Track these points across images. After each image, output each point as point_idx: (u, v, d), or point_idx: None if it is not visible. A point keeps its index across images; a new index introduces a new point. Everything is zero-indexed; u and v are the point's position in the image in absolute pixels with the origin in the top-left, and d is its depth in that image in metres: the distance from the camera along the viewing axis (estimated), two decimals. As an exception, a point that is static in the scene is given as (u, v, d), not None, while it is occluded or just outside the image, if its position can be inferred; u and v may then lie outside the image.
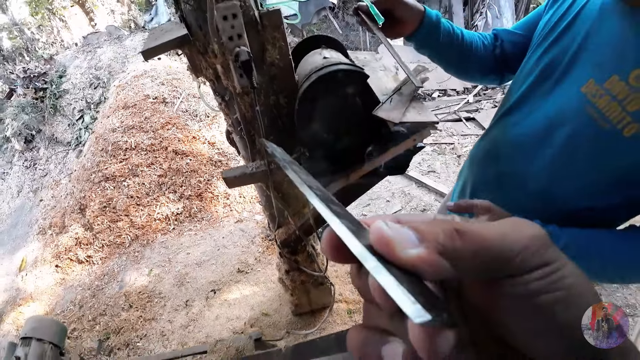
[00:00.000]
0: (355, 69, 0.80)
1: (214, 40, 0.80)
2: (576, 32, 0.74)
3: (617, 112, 0.64)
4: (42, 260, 3.27)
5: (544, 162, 0.76)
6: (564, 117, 0.72)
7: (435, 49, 0.94)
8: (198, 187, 3.33)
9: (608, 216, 0.77)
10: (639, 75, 0.62)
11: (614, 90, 0.65)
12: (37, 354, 1.98)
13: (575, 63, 0.73)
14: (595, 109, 0.67)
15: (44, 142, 5.32)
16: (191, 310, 2.42)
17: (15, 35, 7.66)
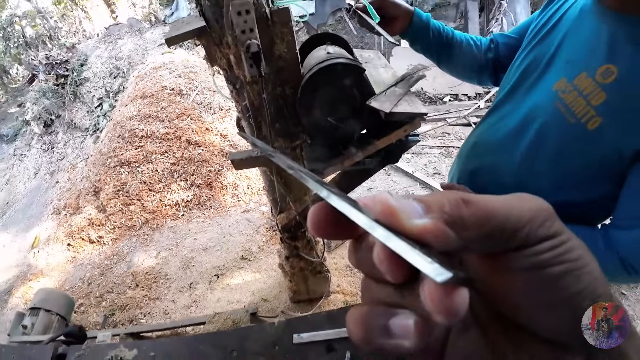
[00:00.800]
0: (353, 63, 0.89)
1: (228, 32, 0.90)
2: (557, 33, 0.81)
3: (582, 107, 0.70)
4: (55, 239, 3.41)
5: (519, 155, 0.83)
6: (536, 113, 0.79)
7: (425, 45, 1.04)
8: (208, 177, 3.45)
9: (586, 211, 0.81)
10: (604, 71, 0.68)
11: (581, 86, 0.70)
12: (44, 324, 2.03)
13: (552, 62, 0.80)
14: (563, 104, 0.73)
15: (62, 127, 5.51)
16: (194, 292, 2.53)
17: (37, 24, 7.89)
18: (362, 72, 0.90)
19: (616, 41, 0.68)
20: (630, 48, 0.65)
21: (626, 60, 0.66)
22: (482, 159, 0.94)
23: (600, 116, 0.68)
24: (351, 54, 1.18)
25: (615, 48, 0.68)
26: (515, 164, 0.84)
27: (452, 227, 0.19)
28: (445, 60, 1.08)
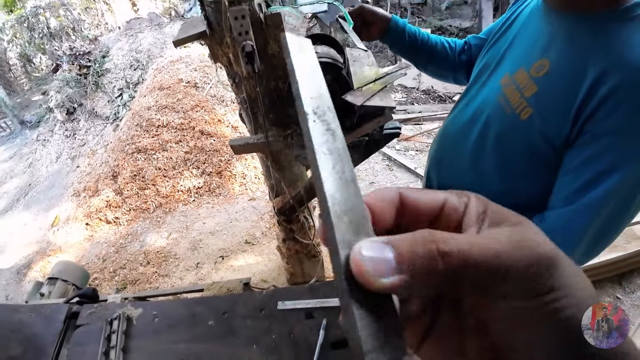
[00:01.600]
0: (333, 62, 1.02)
1: (227, 34, 1.05)
2: (510, 33, 0.90)
3: (517, 99, 0.77)
4: (74, 218, 3.65)
5: (470, 145, 0.93)
6: (484, 106, 0.88)
7: (402, 48, 1.18)
8: (219, 166, 3.64)
9: (531, 202, 0.87)
10: (538, 65, 0.74)
11: (518, 80, 0.78)
12: (60, 292, 2.12)
13: (503, 59, 0.89)
14: (504, 97, 0.82)
15: (84, 114, 5.78)
16: (200, 271, 2.71)
17: (59, 15, 8.17)
18: (341, 70, 1.03)
19: (554, 38, 0.74)
20: (564, 44, 0.71)
21: (558, 54, 0.71)
22: (443, 148, 1.06)
23: (531, 107, 0.74)
24: (342, 52, 1.32)
25: (551, 44, 0.73)
26: (467, 153, 0.93)
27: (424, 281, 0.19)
28: (421, 62, 1.21)
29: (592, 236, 0.72)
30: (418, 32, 1.16)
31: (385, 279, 0.18)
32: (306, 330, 1.18)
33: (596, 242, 0.74)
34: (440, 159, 1.08)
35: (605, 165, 0.65)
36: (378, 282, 0.18)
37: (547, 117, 0.72)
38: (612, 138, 0.64)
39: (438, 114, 4.64)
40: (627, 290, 2.32)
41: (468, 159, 0.95)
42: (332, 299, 1.26)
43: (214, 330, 1.22)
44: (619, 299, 2.27)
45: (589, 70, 0.65)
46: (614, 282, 2.35)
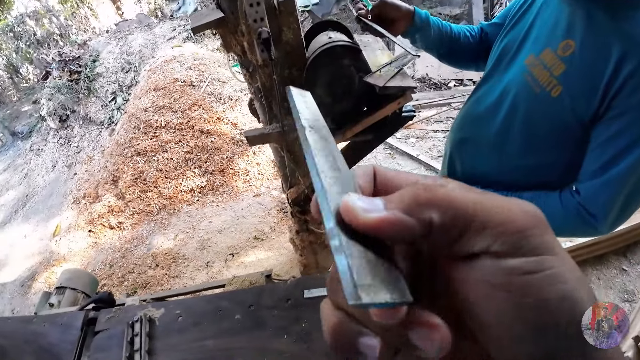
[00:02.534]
0: (352, 44, 1.01)
1: (242, 22, 1.03)
2: (529, 15, 0.92)
3: (546, 78, 0.80)
4: (76, 226, 3.61)
5: (496, 125, 0.94)
6: (510, 87, 0.90)
7: (427, 42, 1.14)
8: (221, 164, 3.61)
9: (554, 174, 0.91)
10: (564, 45, 0.78)
11: (545, 60, 0.81)
12: (70, 301, 2.06)
13: (525, 41, 0.91)
14: (531, 76, 0.84)
15: (78, 121, 5.71)
16: (211, 270, 2.70)
17: (44, 24, 8.04)
18: (360, 52, 1.03)
19: (574, 19, 0.77)
20: (585, 24, 0.75)
21: (582, 35, 0.75)
22: (467, 130, 1.06)
23: (561, 84, 0.77)
24: (351, 39, 1.31)
25: (573, 25, 0.77)
26: (492, 134, 0.96)
27: (411, 212, 0.18)
28: (446, 54, 1.20)
29: (619, 206, 0.76)
30: (441, 24, 1.14)
31: (372, 214, 0.18)
32: (336, 316, 1.18)
33: (622, 211, 0.77)
34: (464, 142, 1.09)
35: (629, 140, 0.70)
36: (365, 216, 0.18)
37: (576, 93, 0.76)
38: (635, 114, 0.68)
39: (435, 100, 4.65)
40: (632, 262, 2.35)
41: (493, 139, 0.96)
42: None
43: (242, 324, 1.21)
44: (624, 271, 2.30)
45: (612, 50, 0.69)
46: (619, 255, 2.38)
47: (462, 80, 5.36)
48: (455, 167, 1.15)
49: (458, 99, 4.74)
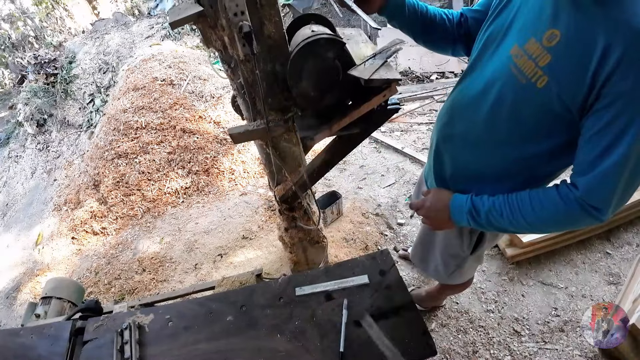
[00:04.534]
0: (335, 37, 1.00)
1: (222, 16, 1.00)
2: (514, 4, 0.91)
3: (531, 68, 0.80)
4: (59, 234, 3.50)
5: (483, 115, 0.94)
6: (496, 77, 0.90)
7: (402, 21, 1.14)
8: (205, 163, 3.55)
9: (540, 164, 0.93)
10: (549, 35, 0.77)
11: (530, 50, 0.80)
12: (57, 310, 2.00)
13: (509, 30, 0.90)
14: (516, 67, 0.84)
15: (55, 125, 5.53)
16: (200, 272, 2.66)
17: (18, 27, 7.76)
18: (343, 45, 1.01)
19: (559, 7, 0.76)
20: (571, 12, 0.74)
21: (567, 24, 0.74)
22: (454, 122, 1.06)
23: (547, 75, 0.77)
24: (334, 32, 1.29)
25: (558, 13, 0.76)
26: (479, 124, 0.96)
27: None
28: (421, 35, 1.19)
29: (619, 194, 0.77)
30: (417, 4, 1.14)
31: None
32: (328, 312, 1.18)
33: (623, 196, 0.78)
34: (451, 133, 1.09)
35: (622, 126, 0.70)
36: None
37: (563, 84, 0.76)
38: (626, 100, 0.68)
39: (418, 94, 4.68)
40: (615, 245, 2.43)
41: (480, 129, 0.97)
42: (350, 278, 1.25)
43: (234, 325, 1.19)
44: (609, 254, 2.36)
45: (598, 38, 0.68)
46: (603, 239, 2.45)
47: (443, 72, 5.41)
48: (442, 159, 1.15)
49: (440, 92, 4.78)
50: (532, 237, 2.24)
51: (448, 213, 0.99)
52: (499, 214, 0.90)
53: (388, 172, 3.34)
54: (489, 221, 0.92)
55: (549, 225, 0.88)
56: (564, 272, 2.28)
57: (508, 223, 0.90)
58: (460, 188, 1.05)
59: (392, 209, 2.90)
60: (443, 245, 1.42)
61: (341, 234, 2.67)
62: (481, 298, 2.19)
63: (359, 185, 3.22)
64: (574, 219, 0.83)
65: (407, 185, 3.13)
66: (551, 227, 0.90)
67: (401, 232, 2.68)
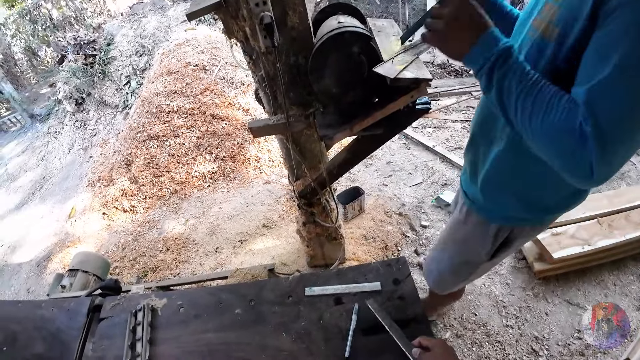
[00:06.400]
0: (361, 31, 0.94)
1: (243, 6, 0.96)
2: None
3: (548, 28, 0.76)
4: (91, 209, 3.66)
5: None
6: (521, 48, 0.86)
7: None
8: (232, 150, 3.58)
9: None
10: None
11: (545, 13, 0.77)
12: (82, 283, 2.13)
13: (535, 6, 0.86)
14: (534, 32, 0.80)
15: (93, 104, 5.76)
16: (220, 256, 2.70)
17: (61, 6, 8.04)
18: (370, 40, 0.95)
19: None
20: None
21: None
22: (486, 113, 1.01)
23: (557, 26, 0.73)
24: (364, 23, 1.22)
25: None
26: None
27: None
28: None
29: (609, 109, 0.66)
30: (508, 6, 1.10)
31: None
32: (336, 316, 1.14)
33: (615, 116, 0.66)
34: (484, 121, 1.03)
35: (618, 33, 0.62)
36: None
37: (568, 25, 0.71)
38: (621, 10, 0.61)
39: (455, 88, 4.49)
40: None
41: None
42: (361, 283, 1.21)
43: (242, 318, 1.19)
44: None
45: None
46: (637, 260, 2.27)
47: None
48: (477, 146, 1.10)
49: (479, 87, 4.56)
50: (563, 253, 2.10)
51: (481, 31, 0.77)
52: (519, 78, 0.75)
53: (416, 171, 3.24)
54: (504, 76, 0.77)
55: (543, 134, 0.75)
56: (592, 292, 2.12)
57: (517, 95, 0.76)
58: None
59: (417, 209, 2.81)
60: (456, 250, 1.35)
61: (361, 230, 2.62)
62: (502, 312, 2.09)
63: (384, 182, 3.14)
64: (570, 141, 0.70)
65: (435, 186, 3.02)
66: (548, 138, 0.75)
67: (424, 235, 2.59)
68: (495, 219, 1.13)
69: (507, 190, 1.04)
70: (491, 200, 1.11)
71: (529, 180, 0.98)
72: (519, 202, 1.04)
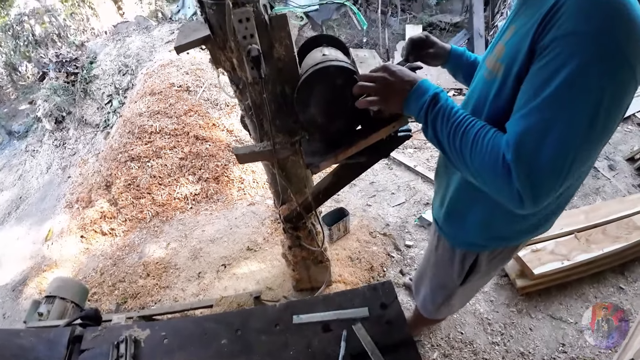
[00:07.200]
0: (345, 66, 0.97)
1: (231, 38, 0.99)
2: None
3: (495, 65, 0.82)
4: (68, 231, 3.54)
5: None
6: (473, 90, 0.95)
7: (457, 70, 1.25)
8: (215, 171, 3.56)
9: None
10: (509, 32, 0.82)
11: (496, 52, 0.84)
12: (60, 311, 2.05)
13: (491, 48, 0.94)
14: (487, 71, 0.87)
15: (73, 123, 5.64)
16: (202, 281, 2.64)
17: (45, 21, 7.96)
18: (354, 74, 0.98)
19: (520, 7, 0.82)
20: (525, 8, 0.79)
21: (521, 18, 0.79)
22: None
23: (503, 63, 0.79)
24: (347, 54, 1.27)
25: (519, 12, 0.82)
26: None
27: None
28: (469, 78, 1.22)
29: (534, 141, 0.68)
30: (471, 55, 1.23)
31: None
32: (324, 343, 1.14)
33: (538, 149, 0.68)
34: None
35: (555, 66, 0.66)
36: None
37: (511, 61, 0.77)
38: (559, 42, 0.65)
39: (434, 109, 4.61)
40: (629, 280, 2.33)
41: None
42: (349, 310, 1.21)
43: (228, 349, 1.16)
44: (622, 289, 2.27)
45: (537, 14, 0.70)
46: (617, 273, 2.36)
47: (460, 89, 5.34)
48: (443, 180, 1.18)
49: (457, 109, 4.70)
50: (544, 268, 2.15)
51: (410, 88, 0.88)
52: (446, 119, 0.83)
53: (399, 191, 3.28)
54: (434, 119, 0.85)
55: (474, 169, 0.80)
56: (574, 306, 2.18)
57: (447, 135, 0.82)
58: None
59: (401, 229, 2.84)
60: (432, 273, 1.39)
61: (347, 252, 2.62)
62: (487, 329, 2.12)
63: (368, 202, 3.17)
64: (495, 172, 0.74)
65: (418, 206, 3.07)
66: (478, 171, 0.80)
67: (409, 255, 2.62)
68: (460, 245, 1.18)
69: (467, 219, 1.09)
70: (455, 227, 1.16)
71: (484, 210, 1.03)
72: (479, 230, 1.08)
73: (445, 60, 1.24)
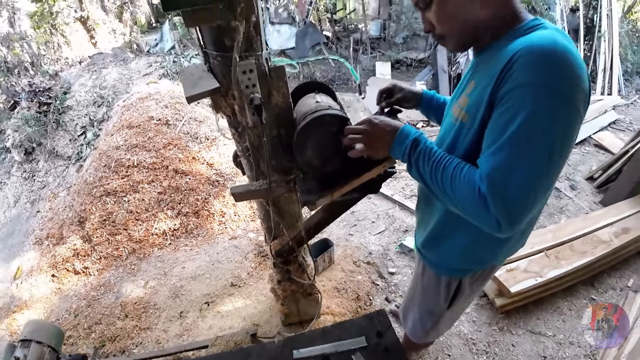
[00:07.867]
0: (339, 114, 1.06)
1: (235, 87, 1.06)
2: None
3: (460, 113, 0.96)
4: (39, 270, 3.35)
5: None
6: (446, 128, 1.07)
7: (430, 112, 1.38)
8: (195, 205, 3.53)
9: None
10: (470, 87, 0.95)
11: (460, 103, 0.98)
12: (36, 356, 1.95)
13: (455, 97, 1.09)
14: (452, 116, 1.01)
15: (44, 155, 5.47)
16: (185, 321, 2.56)
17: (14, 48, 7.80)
18: (347, 121, 1.07)
19: (477, 66, 0.97)
20: (483, 66, 0.93)
21: (480, 74, 0.93)
22: None
23: (467, 112, 0.93)
24: (334, 98, 1.37)
25: (476, 70, 0.97)
26: None
27: None
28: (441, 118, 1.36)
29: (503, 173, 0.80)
30: (440, 97, 1.37)
31: None
32: (324, 379, 1.15)
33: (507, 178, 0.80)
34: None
35: (512, 113, 0.78)
36: None
37: (475, 110, 0.90)
38: (513, 92, 0.78)
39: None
40: (600, 291, 2.49)
41: None
42: (347, 340, 1.24)
43: (227, 391, 1.16)
44: (594, 300, 2.41)
45: (498, 65, 0.81)
46: (587, 285, 2.52)
47: (428, 121, 5.64)
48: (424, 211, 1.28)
49: (429, 139, 4.93)
50: (520, 286, 2.27)
51: (393, 136, 1.01)
52: (427, 158, 0.95)
53: (378, 219, 3.37)
54: (417, 159, 0.96)
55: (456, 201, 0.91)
56: (551, 320, 2.30)
57: (429, 172, 0.94)
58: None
59: (383, 257, 2.90)
60: (420, 300, 1.46)
61: (332, 282, 2.64)
62: (472, 349, 2.18)
63: (350, 232, 3.23)
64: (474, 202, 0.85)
65: (397, 233, 3.16)
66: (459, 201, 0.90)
67: (392, 282, 2.67)
68: (443, 272, 1.26)
69: (450, 245, 1.18)
70: (438, 255, 1.25)
71: (466, 236, 1.13)
72: (462, 256, 1.18)
73: (418, 103, 1.39)
